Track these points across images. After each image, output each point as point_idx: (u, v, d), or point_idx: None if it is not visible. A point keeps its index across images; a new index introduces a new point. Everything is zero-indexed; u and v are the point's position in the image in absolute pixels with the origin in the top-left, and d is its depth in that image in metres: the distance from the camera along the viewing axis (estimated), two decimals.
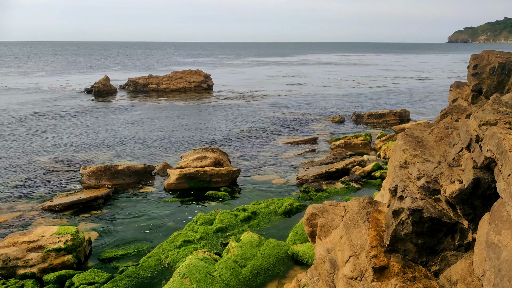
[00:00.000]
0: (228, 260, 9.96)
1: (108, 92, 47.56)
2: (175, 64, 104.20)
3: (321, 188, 16.18)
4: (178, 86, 50.46)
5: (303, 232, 11.74)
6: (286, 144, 24.00)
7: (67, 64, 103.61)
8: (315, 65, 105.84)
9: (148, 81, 50.77)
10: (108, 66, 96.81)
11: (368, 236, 6.32)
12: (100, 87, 47.62)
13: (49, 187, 17.10)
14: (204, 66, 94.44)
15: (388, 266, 5.85)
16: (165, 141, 25.10)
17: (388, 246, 6.08)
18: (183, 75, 52.12)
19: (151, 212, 14.61)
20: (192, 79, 51.39)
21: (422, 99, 43.58)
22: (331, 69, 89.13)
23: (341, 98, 43.54)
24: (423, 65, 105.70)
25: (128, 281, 9.74)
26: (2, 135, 26.22)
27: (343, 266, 6.53)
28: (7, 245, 10.82)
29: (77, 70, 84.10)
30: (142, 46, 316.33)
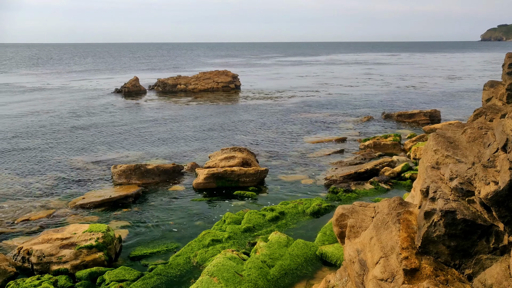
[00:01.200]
0: (256, 260, 9.96)
1: (138, 93, 48.30)
2: (203, 64, 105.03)
3: (349, 189, 16.02)
4: (206, 87, 50.83)
5: (331, 233, 11.66)
6: (314, 144, 23.87)
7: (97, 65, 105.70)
8: (343, 64, 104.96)
9: (176, 82, 51.31)
10: (138, 67, 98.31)
11: (399, 237, 6.23)
12: (130, 88, 48.40)
13: (80, 186, 17.47)
14: (232, 66, 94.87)
15: (419, 268, 5.74)
16: (193, 140, 25.32)
17: (419, 248, 5.97)
18: (211, 75, 52.47)
19: (179, 210, 14.76)
20: (220, 80, 51.68)
21: (453, 98, 42.66)
22: (360, 69, 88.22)
23: (370, 98, 43.03)
24: (455, 64, 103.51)
25: (157, 279, 9.86)
26: (35, 135, 26.94)
27: (373, 267, 6.45)
28: (42, 241, 11.12)
29: (107, 70, 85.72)
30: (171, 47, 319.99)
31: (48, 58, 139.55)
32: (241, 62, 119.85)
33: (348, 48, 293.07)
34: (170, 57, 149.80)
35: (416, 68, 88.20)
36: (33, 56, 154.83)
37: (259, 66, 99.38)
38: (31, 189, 17.05)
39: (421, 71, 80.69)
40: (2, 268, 10.00)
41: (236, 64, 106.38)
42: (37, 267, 10.59)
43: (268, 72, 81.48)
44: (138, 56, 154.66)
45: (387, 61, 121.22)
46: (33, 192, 16.72)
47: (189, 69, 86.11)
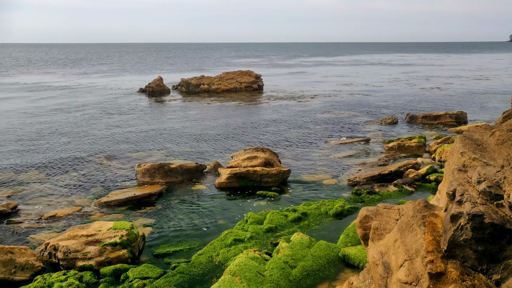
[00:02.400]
0: (278, 260, 9.96)
1: (161, 92, 48.79)
2: (226, 64, 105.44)
3: (373, 191, 15.87)
4: (229, 87, 51.03)
5: (354, 235, 11.57)
6: (337, 145, 23.72)
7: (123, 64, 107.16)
8: (367, 65, 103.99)
9: (200, 82, 51.65)
10: (162, 67, 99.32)
11: (424, 240, 6.14)
12: (154, 87, 48.94)
13: (105, 183, 17.74)
14: (255, 66, 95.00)
15: (445, 272, 5.65)
16: (216, 140, 25.44)
17: (445, 252, 5.87)
18: (234, 75, 52.66)
19: (202, 209, 14.86)
20: (243, 80, 51.81)
21: (481, 100, 41.81)
22: (384, 69, 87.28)
23: (394, 99, 42.54)
24: (482, 64, 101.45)
25: (180, 277, 9.94)
26: (62, 133, 27.47)
27: (397, 270, 6.38)
28: (68, 238, 11.33)
29: (132, 70, 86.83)
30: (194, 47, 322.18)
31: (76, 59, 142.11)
32: (264, 62, 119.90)
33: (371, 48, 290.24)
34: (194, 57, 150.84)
35: (442, 69, 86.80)
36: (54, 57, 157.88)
37: (282, 67, 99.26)
38: (57, 187, 17.40)
39: (447, 72, 79.38)
40: (30, 263, 10.23)
41: (259, 64, 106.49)
42: (63, 263, 10.80)
43: (291, 72, 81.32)
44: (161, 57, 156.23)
45: (412, 61, 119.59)
46: (59, 190, 17.06)
47: (212, 69, 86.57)
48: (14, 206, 14.94)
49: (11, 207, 14.74)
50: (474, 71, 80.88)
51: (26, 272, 10.12)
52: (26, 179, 18.32)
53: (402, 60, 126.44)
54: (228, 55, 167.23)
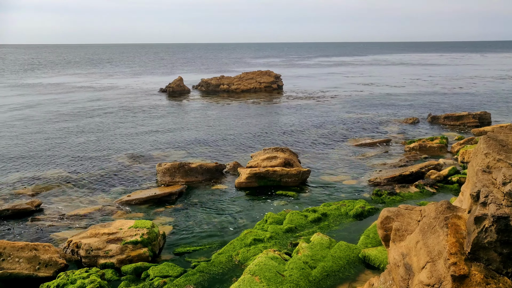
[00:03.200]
0: (298, 261, 9.93)
1: (182, 92, 49.12)
2: (246, 65, 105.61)
3: (394, 192, 15.70)
4: (248, 87, 51.10)
5: (375, 236, 11.46)
6: (358, 146, 23.54)
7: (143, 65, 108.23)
8: (388, 65, 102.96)
9: (219, 82, 51.84)
10: (182, 67, 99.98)
11: (447, 242, 6.05)
12: (174, 87, 49.30)
13: (126, 183, 17.95)
14: (274, 66, 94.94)
15: (469, 275, 5.56)
16: (235, 140, 25.51)
17: (469, 254, 5.78)
18: (253, 75, 52.71)
19: (221, 209, 14.91)
20: (262, 80, 51.83)
21: (504, 100, 41.00)
22: (405, 69, 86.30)
23: (416, 99, 42.02)
24: (505, 64, 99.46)
25: (200, 276, 9.99)
26: (84, 133, 27.88)
27: (419, 272, 6.30)
28: (90, 235, 11.50)
29: (153, 71, 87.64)
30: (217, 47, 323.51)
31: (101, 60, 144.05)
32: (284, 62, 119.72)
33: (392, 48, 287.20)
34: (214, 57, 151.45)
35: (465, 69, 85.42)
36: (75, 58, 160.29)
37: (302, 66, 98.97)
38: (79, 185, 17.66)
39: (470, 71, 78.08)
40: (54, 259, 10.41)
41: (279, 64, 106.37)
42: (85, 260, 10.97)
43: (311, 72, 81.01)
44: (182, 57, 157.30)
45: (435, 61, 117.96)
46: (82, 188, 17.32)
47: (232, 70, 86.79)
48: (38, 204, 15.22)
49: (35, 205, 15.02)
50: (499, 70, 79.36)
51: (49, 269, 10.30)
52: (50, 178, 18.64)
53: (424, 60, 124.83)
54: (248, 55, 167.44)
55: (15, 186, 17.56)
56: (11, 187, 17.41)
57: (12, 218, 14.22)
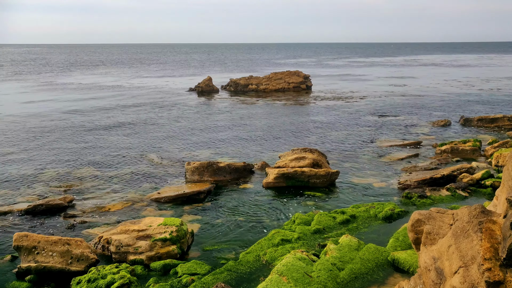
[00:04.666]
0: (326, 262, 9.87)
1: (211, 92, 49.47)
2: (275, 65, 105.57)
3: (424, 195, 15.42)
4: (277, 87, 51.08)
5: (404, 239, 11.29)
6: (387, 147, 23.22)
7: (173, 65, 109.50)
8: (420, 66, 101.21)
9: (248, 82, 51.98)
10: (211, 67, 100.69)
11: (481, 247, 5.91)
12: (203, 87, 49.70)
13: (156, 180, 18.20)
14: (303, 66, 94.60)
15: (504, 281, 5.41)
16: (263, 140, 25.53)
17: (504, 260, 5.63)
18: (282, 75, 52.64)
19: (249, 208, 14.95)
20: (291, 80, 51.71)
21: None
22: (438, 70, 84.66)
23: (448, 101, 41.17)
24: None
25: (227, 275, 10.04)
26: (115, 131, 28.41)
27: (451, 277, 6.17)
28: (120, 232, 11.71)
29: (182, 70, 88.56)
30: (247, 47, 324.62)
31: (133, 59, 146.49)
32: (313, 62, 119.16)
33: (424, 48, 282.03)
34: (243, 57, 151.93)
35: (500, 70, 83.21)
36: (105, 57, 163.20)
37: (331, 67, 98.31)
38: (110, 182, 18.00)
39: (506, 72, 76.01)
40: (85, 254, 10.64)
41: (308, 65, 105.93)
42: (115, 256, 11.17)
43: (340, 72, 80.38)
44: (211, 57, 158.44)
45: (469, 62, 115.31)
46: (113, 185, 17.65)
47: (261, 70, 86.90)
48: (70, 200, 15.59)
49: (67, 201, 15.39)
50: None
51: (81, 263, 10.53)
52: (82, 174, 19.07)
53: (457, 61, 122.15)
54: (277, 56, 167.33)
55: (49, 182, 18.02)
56: (45, 184, 17.89)
57: (46, 213, 14.61)
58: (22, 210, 14.67)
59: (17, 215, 14.45)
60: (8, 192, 16.82)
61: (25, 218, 14.26)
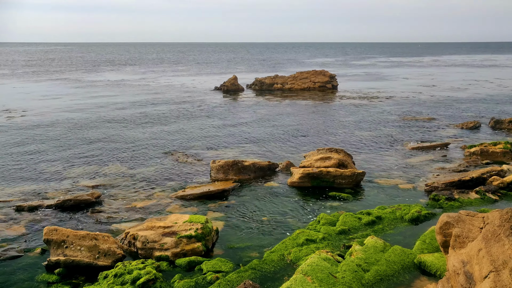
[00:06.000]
0: (351, 263, 9.79)
1: (236, 91, 49.62)
2: (301, 64, 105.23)
3: (452, 197, 15.14)
4: (302, 86, 50.90)
5: (431, 242, 11.11)
6: (414, 149, 22.87)
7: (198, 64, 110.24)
8: (448, 66, 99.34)
9: (273, 81, 51.96)
10: (236, 66, 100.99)
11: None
12: (229, 86, 49.88)
13: (181, 178, 18.36)
14: (329, 66, 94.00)
15: None
16: (287, 139, 25.48)
17: None
18: (308, 75, 52.43)
19: (273, 207, 14.94)
20: (316, 79, 51.46)
21: None
22: (467, 71, 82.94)
23: (478, 102, 40.29)
24: None
25: (252, 273, 10.07)
26: (142, 129, 28.78)
27: (480, 281, 6.05)
28: (146, 228, 11.86)
29: (208, 69, 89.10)
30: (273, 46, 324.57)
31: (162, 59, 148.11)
32: (339, 62, 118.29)
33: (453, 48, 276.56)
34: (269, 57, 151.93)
35: None
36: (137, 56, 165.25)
37: (357, 67, 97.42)
38: (137, 179, 18.25)
39: None
40: (112, 249, 10.82)
41: (334, 64, 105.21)
42: (141, 252, 11.32)
43: (367, 72, 79.57)
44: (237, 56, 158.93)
45: (501, 62, 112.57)
46: (139, 182, 17.89)
47: (286, 69, 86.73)
48: (98, 196, 15.86)
49: (95, 197, 15.67)
50: None
51: (108, 258, 10.72)
52: (109, 171, 19.39)
53: (488, 61, 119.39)
54: (303, 55, 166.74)
55: (77, 179, 18.38)
56: (73, 179, 18.26)
57: (74, 208, 14.91)
58: (51, 205, 15.00)
59: (46, 210, 14.79)
60: (38, 188, 17.23)
61: (55, 213, 14.59)
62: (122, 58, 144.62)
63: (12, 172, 19.22)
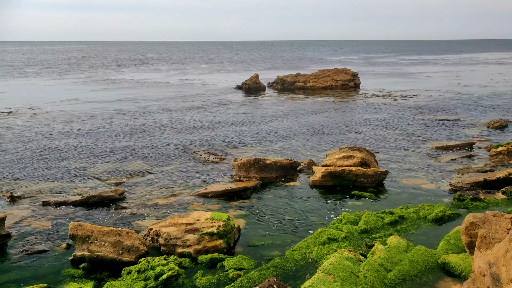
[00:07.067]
0: (373, 263, 9.71)
1: (257, 89, 49.64)
2: (323, 62, 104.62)
3: (478, 197, 14.86)
4: (324, 84, 50.63)
5: (455, 242, 10.93)
6: (438, 148, 22.53)
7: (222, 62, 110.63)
8: (474, 64, 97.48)
9: (295, 79, 51.80)
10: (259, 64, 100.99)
11: None
12: (250, 84, 49.93)
13: (203, 176, 18.48)
14: (351, 64, 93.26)
15: None
16: (309, 138, 25.39)
17: None
18: (330, 73, 52.11)
19: (295, 206, 14.92)
20: (339, 78, 51.12)
21: None
22: (494, 69, 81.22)
23: (506, 101, 39.42)
24: None
25: (273, 271, 10.08)
26: (164, 127, 29.05)
27: (508, 283, 5.93)
28: (169, 225, 11.98)
29: (230, 67, 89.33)
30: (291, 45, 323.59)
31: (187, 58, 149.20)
32: (361, 60, 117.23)
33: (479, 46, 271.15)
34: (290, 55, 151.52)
35: None
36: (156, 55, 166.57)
37: (380, 65, 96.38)
38: (159, 177, 18.43)
39: None
40: (135, 245, 10.97)
41: (356, 62, 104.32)
42: (164, 248, 11.44)
43: (390, 70, 78.68)
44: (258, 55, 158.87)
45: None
46: (161, 180, 18.06)
47: (308, 67, 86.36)
48: (121, 192, 16.08)
49: (118, 193, 15.89)
50: None
51: (131, 254, 10.86)
52: (132, 168, 19.64)
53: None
54: (324, 53, 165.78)
55: (101, 175, 18.67)
56: (97, 177, 18.56)
57: (98, 205, 15.16)
58: (76, 201, 15.28)
59: (72, 206, 15.07)
60: (63, 184, 17.57)
61: (79, 209, 14.85)
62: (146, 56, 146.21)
63: (38, 169, 19.64)
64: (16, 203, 15.44)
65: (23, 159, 21.05)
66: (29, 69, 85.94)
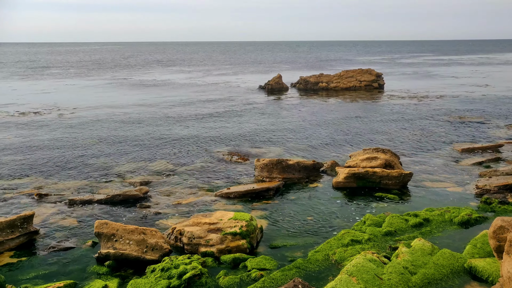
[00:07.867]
0: (397, 265, 9.60)
1: (280, 90, 49.61)
2: (347, 62, 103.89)
3: (506, 201, 14.54)
4: (348, 85, 50.25)
5: (482, 246, 10.72)
6: (464, 150, 22.11)
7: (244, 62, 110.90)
8: (502, 64, 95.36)
9: (318, 80, 51.58)
10: (281, 65, 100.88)
11: None
12: (273, 85, 49.93)
13: (226, 176, 18.56)
14: (376, 64, 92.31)
15: None
16: (332, 139, 25.24)
17: None
18: (353, 74, 51.72)
19: (318, 207, 14.85)
20: (363, 78, 50.67)
21: None
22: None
23: None
24: None
25: (296, 272, 10.06)
26: (188, 127, 29.29)
27: None
28: (192, 224, 12.07)
29: (253, 67, 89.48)
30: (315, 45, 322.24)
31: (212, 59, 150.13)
32: (385, 60, 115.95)
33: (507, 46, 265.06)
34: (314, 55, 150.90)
35: None
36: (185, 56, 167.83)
37: (405, 65, 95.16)
38: (183, 176, 18.58)
39: None
40: (159, 244, 11.09)
41: (381, 63, 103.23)
42: (187, 247, 11.53)
43: (415, 71, 77.60)
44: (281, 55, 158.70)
45: None
46: (185, 179, 18.21)
47: (331, 68, 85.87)
48: (145, 191, 16.27)
49: (143, 192, 16.09)
50: None
51: (155, 253, 10.99)
52: (156, 168, 19.85)
53: None
54: (348, 53, 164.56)
55: (126, 175, 18.93)
56: (122, 176, 18.82)
57: (123, 203, 15.38)
58: (101, 200, 15.53)
59: (97, 204, 15.33)
60: (89, 183, 17.87)
61: (104, 207, 15.10)
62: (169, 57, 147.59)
63: (64, 167, 20.03)
64: (43, 200, 15.79)
65: (51, 158, 21.50)
66: (53, 70, 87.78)
